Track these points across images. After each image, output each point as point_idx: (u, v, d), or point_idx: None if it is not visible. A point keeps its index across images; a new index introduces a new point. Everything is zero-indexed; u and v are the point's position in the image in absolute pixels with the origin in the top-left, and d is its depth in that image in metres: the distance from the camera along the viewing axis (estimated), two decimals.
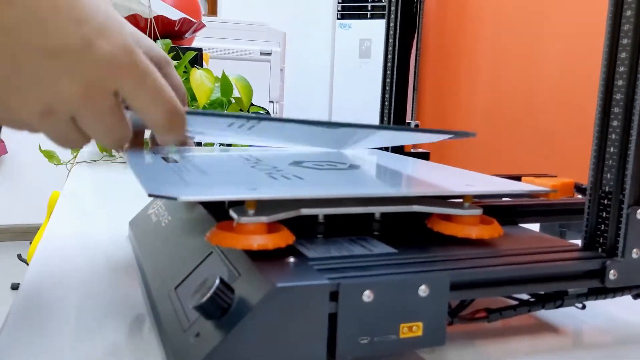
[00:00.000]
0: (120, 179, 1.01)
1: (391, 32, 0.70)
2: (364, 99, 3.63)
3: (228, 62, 2.26)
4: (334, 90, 3.88)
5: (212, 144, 1.18)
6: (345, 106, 3.79)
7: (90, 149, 1.27)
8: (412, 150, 0.71)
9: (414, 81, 0.72)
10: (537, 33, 2.69)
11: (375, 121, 0.72)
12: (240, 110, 1.16)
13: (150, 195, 0.33)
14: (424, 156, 0.70)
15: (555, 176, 0.58)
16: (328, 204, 0.40)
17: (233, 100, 1.16)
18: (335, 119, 3.86)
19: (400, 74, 0.69)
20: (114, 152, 1.18)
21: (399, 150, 0.70)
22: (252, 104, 1.22)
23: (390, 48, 0.70)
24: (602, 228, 0.41)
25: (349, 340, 0.33)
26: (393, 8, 0.70)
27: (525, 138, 2.76)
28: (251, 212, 0.36)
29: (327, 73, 3.93)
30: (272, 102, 2.50)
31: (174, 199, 0.32)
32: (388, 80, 0.70)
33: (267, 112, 1.49)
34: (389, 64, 0.70)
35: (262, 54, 2.49)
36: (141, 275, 0.49)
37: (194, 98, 1.11)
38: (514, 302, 0.40)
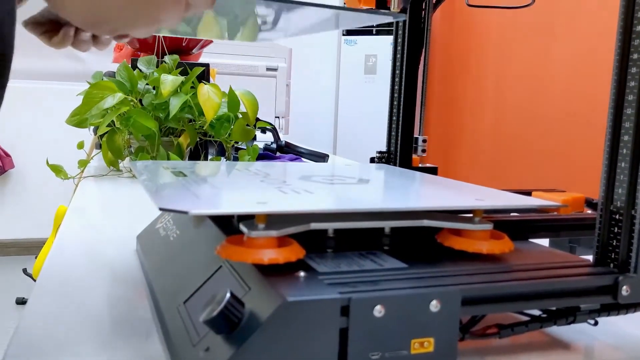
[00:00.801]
0: (127, 194, 1.01)
1: (399, 48, 0.70)
2: (369, 114, 3.64)
3: (234, 78, 2.27)
4: (339, 105, 3.89)
5: (219, 158, 1.18)
6: (350, 122, 3.80)
7: (97, 164, 1.27)
8: (420, 165, 0.71)
9: (422, 97, 0.72)
10: (543, 47, 2.70)
11: (383, 137, 0.72)
12: (247, 125, 1.17)
13: (160, 209, 0.33)
14: (432, 171, 0.70)
15: (565, 191, 0.58)
16: (338, 219, 0.40)
17: (240, 115, 1.17)
18: (340, 134, 3.87)
19: (408, 89, 0.69)
20: (120, 167, 1.19)
21: (406, 165, 0.70)
22: (258, 119, 1.22)
23: (398, 64, 0.70)
24: (614, 243, 0.41)
25: (359, 355, 0.32)
26: (401, 24, 0.70)
27: (532, 153, 2.75)
28: (261, 226, 0.36)
29: (333, 89, 3.94)
30: (278, 117, 2.51)
31: (185, 212, 0.32)
32: (396, 95, 0.70)
33: (273, 127, 1.49)
34: (396, 80, 0.71)
35: (268, 69, 2.50)
36: (149, 289, 0.49)
37: (201, 113, 1.11)
38: (526, 318, 0.40)
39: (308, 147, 1.48)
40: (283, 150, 1.46)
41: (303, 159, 1.42)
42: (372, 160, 0.72)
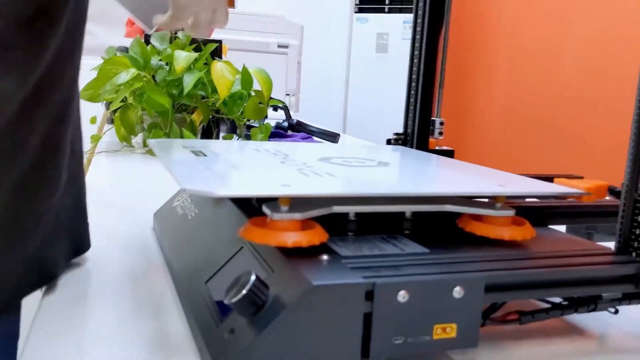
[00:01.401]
0: (140, 170, 1.01)
1: (418, 28, 0.69)
2: (380, 93, 3.61)
3: (246, 54, 2.25)
4: (350, 84, 3.87)
5: (231, 136, 1.18)
6: (361, 100, 3.77)
7: (109, 139, 1.27)
8: (437, 148, 0.70)
9: (441, 78, 0.72)
10: (557, 30, 2.66)
11: (393, 117, 0.72)
12: (260, 103, 1.16)
13: (184, 190, 0.33)
14: (449, 154, 0.69)
15: (583, 177, 0.57)
16: (359, 202, 0.40)
17: (253, 93, 1.16)
18: (350, 113, 3.85)
19: (427, 70, 0.69)
20: (133, 143, 1.19)
21: (423, 147, 0.69)
22: (269, 97, 1.22)
23: (417, 44, 0.69)
24: (637, 232, 0.41)
25: (383, 340, 0.32)
26: (421, 3, 0.69)
27: (544, 138, 2.73)
28: (285, 208, 0.36)
29: (344, 67, 3.91)
30: (289, 94, 2.49)
31: (210, 194, 0.32)
32: (414, 76, 0.70)
33: (285, 106, 1.49)
34: (415, 61, 0.70)
35: (279, 46, 2.48)
36: (168, 267, 0.49)
37: (214, 90, 1.11)
38: (547, 305, 0.40)
39: (318, 125, 1.47)
40: (294, 129, 1.45)
41: (314, 137, 1.41)
42: (388, 141, 0.72)
